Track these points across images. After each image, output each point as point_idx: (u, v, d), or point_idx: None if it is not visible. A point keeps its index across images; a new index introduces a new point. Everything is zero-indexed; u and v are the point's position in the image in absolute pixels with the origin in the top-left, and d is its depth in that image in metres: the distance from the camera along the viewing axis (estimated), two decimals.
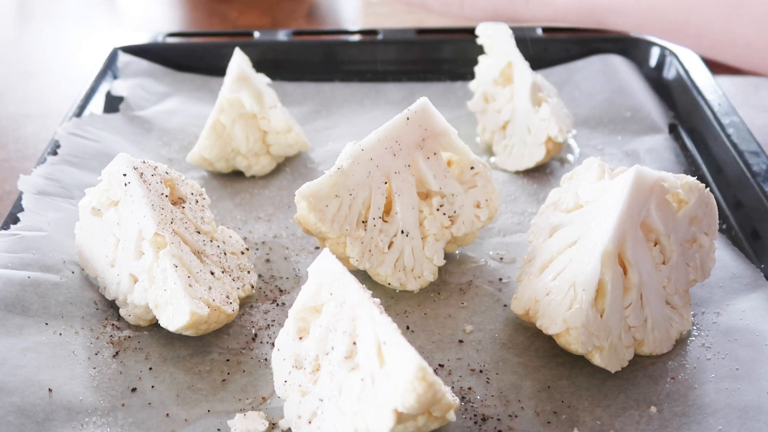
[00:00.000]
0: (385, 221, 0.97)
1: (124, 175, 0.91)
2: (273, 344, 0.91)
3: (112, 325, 0.93)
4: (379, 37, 1.50)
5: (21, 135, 1.43)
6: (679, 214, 0.90)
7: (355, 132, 1.33)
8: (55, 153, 1.15)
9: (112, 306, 0.95)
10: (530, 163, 1.21)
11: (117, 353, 0.89)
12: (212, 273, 0.92)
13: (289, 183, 1.22)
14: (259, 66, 1.36)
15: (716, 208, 0.93)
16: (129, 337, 0.92)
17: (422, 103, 0.97)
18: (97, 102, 1.32)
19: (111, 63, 1.42)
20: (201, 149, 1.18)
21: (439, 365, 0.89)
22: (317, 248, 1.07)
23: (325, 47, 1.50)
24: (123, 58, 1.43)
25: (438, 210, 0.98)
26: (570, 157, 1.27)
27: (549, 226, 0.95)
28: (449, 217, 0.99)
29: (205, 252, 0.93)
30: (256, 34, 1.52)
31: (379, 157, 0.95)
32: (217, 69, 1.42)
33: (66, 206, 1.06)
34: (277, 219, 1.13)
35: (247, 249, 1.02)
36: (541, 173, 1.23)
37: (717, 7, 1.25)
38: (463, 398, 0.85)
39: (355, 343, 0.74)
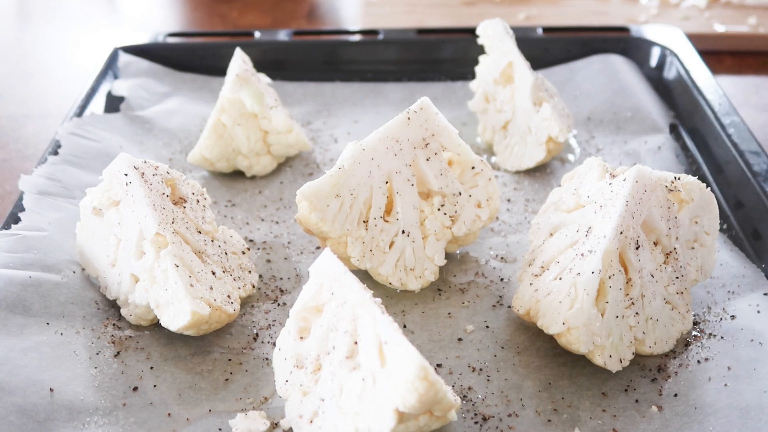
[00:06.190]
0: (386, 221, 0.97)
1: (125, 174, 0.91)
2: (274, 344, 0.91)
3: (113, 324, 0.93)
4: (380, 37, 1.50)
5: (21, 135, 1.43)
6: (680, 214, 0.91)
7: (356, 132, 1.33)
8: (55, 153, 1.15)
9: (113, 306, 0.95)
10: (531, 163, 1.21)
11: (118, 353, 0.89)
12: (213, 273, 0.92)
13: (289, 183, 1.22)
14: (260, 66, 1.36)
15: (717, 207, 0.93)
16: (130, 336, 0.92)
17: (423, 102, 0.97)
18: (98, 102, 1.32)
19: (111, 63, 1.42)
20: (202, 149, 1.18)
21: (438, 365, 0.89)
22: (318, 248, 1.07)
23: (326, 47, 1.50)
24: (123, 58, 1.43)
25: (439, 210, 0.98)
26: (570, 156, 1.27)
27: (550, 226, 0.95)
28: (450, 216, 0.99)
29: (206, 252, 0.93)
30: (257, 34, 1.52)
31: (380, 157, 0.95)
32: (218, 69, 1.42)
33: (67, 206, 1.06)
34: (278, 219, 1.13)
35: (248, 249, 1.02)
36: (541, 173, 1.23)
37: None
38: (463, 397, 0.85)
39: (356, 343, 0.74)
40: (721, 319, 0.94)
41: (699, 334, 0.92)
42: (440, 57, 1.49)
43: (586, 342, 0.83)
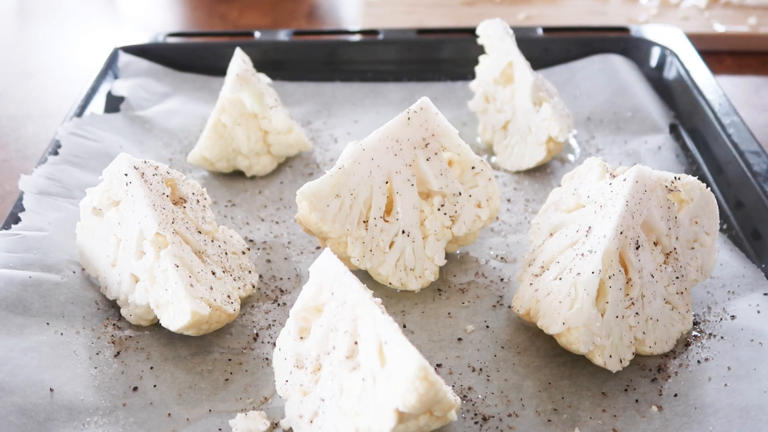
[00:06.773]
0: (386, 221, 0.97)
1: (126, 174, 0.91)
2: (274, 344, 0.91)
3: (114, 324, 0.93)
4: (380, 37, 1.50)
5: (21, 135, 1.43)
6: (680, 214, 0.91)
7: (356, 132, 1.33)
8: (55, 153, 1.15)
9: (113, 306, 0.95)
10: (531, 163, 1.21)
11: (118, 353, 0.89)
12: (213, 273, 0.92)
13: (290, 183, 1.22)
14: (260, 66, 1.36)
15: (717, 207, 0.93)
16: (130, 336, 0.92)
17: (423, 102, 0.97)
18: (98, 102, 1.32)
19: (111, 63, 1.42)
20: (202, 149, 1.18)
21: (438, 365, 0.89)
22: (318, 248, 1.07)
23: (326, 47, 1.50)
24: (123, 58, 1.43)
25: (439, 210, 0.98)
26: (570, 156, 1.27)
27: (550, 226, 0.95)
28: (450, 216, 0.99)
29: (206, 252, 0.93)
30: (257, 34, 1.52)
31: (380, 157, 0.95)
32: (218, 69, 1.42)
33: (67, 206, 1.06)
34: (278, 219, 1.13)
35: (248, 249, 1.02)
36: (541, 173, 1.23)
37: None
38: (463, 397, 0.85)
39: (356, 343, 0.74)
40: (721, 319, 0.94)
41: (699, 334, 0.92)
42: (440, 57, 1.49)
43: (586, 342, 0.83)
